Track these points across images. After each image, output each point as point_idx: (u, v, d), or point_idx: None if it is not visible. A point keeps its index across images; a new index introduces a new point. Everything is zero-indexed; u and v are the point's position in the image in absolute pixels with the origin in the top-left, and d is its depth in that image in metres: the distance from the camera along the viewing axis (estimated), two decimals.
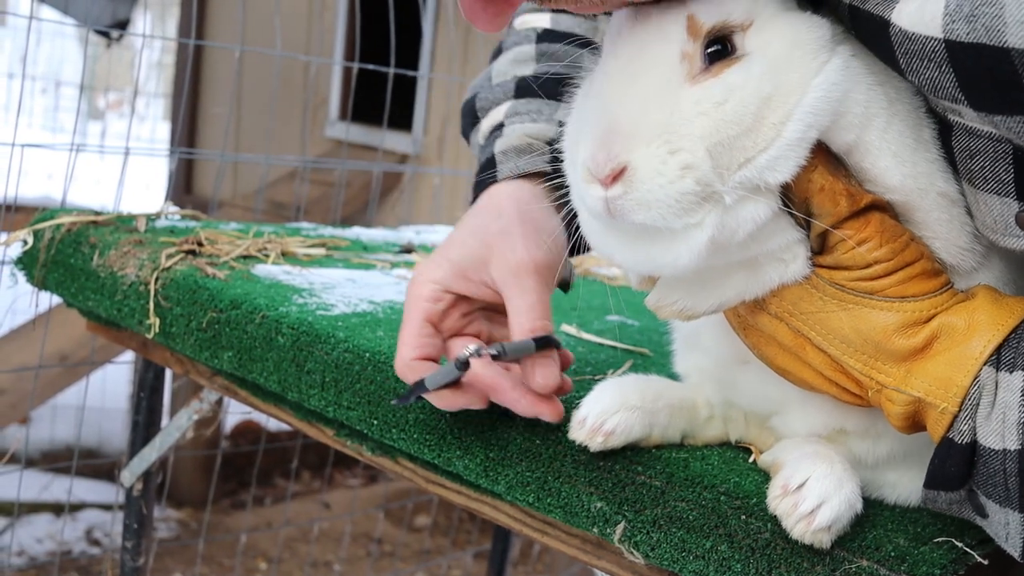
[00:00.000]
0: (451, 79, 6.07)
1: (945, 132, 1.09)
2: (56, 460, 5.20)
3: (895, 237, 1.07)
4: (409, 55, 6.35)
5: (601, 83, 1.09)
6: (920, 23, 0.98)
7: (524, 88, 1.51)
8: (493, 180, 1.41)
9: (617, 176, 1.03)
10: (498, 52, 1.60)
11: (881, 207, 1.08)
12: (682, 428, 1.31)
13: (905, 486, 1.24)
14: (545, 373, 1.26)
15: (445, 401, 1.29)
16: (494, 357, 1.26)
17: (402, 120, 6.57)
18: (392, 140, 6.63)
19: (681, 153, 1.01)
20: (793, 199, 1.06)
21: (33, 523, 5.03)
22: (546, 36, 1.55)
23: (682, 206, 1.01)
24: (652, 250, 1.07)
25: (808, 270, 1.09)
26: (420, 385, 1.27)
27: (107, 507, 5.16)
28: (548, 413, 1.27)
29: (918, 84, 1.04)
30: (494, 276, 1.32)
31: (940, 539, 1.15)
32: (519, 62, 1.54)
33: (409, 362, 1.30)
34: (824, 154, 1.06)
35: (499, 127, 1.49)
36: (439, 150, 6.66)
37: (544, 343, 1.27)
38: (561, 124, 1.26)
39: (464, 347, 1.26)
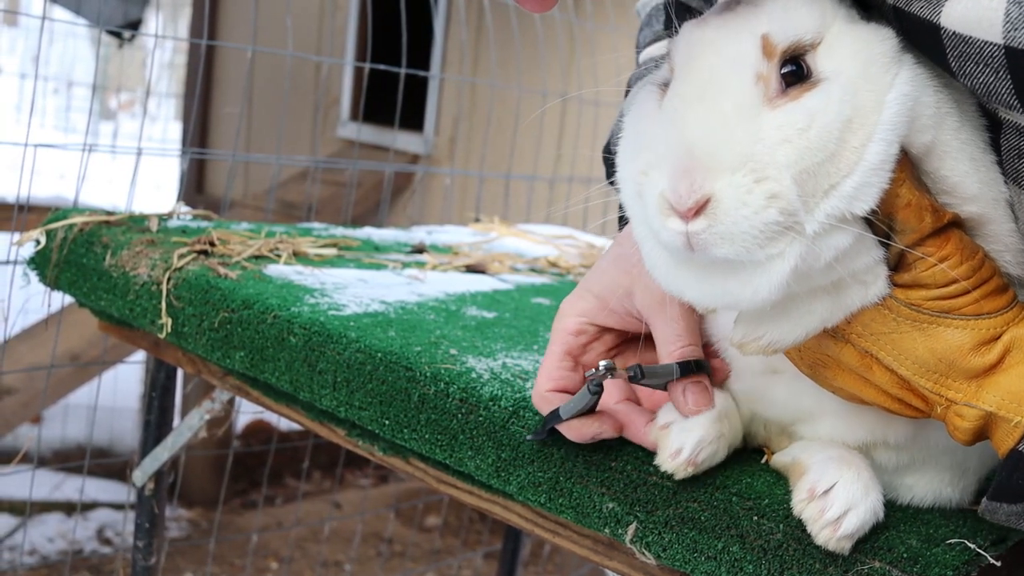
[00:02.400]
0: (462, 79, 6.08)
1: (992, 131, 1.06)
2: (68, 459, 5.22)
3: (973, 254, 1.05)
4: (420, 55, 6.36)
5: (674, 107, 1.04)
6: (977, 27, 0.96)
7: None
8: None
9: (700, 209, 0.98)
10: (628, 89, 1.55)
11: (959, 224, 1.06)
12: (731, 442, 1.29)
13: (921, 488, 1.23)
14: (696, 398, 1.22)
15: (576, 431, 1.25)
16: (631, 379, 1.23)
17: (413, 120, 6.57)
18: (403, 140, 6.64)
19: (767, 182, 0.97)
20: (877, 215, 1.02)
21: (45, 522, 5.05)
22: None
23: (766, 236, 0.97)
24: (728, 284, 1.02)
25: (888, 290, 1.05)
26: (554, 415, 1.25)
27: (119, 506, 5.17)
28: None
29: (969, 87, 1.02)
30: (639, 306, 1.28)
31: (953, 540, 1.14)
32: None
33: (544, 393, 1.29)
34: (911, 168, 1.03)
35: None
36: (450, 150, 6.66)
37: (688, 368, 1.23)
38: None
39: (596, 366, 1.21)
